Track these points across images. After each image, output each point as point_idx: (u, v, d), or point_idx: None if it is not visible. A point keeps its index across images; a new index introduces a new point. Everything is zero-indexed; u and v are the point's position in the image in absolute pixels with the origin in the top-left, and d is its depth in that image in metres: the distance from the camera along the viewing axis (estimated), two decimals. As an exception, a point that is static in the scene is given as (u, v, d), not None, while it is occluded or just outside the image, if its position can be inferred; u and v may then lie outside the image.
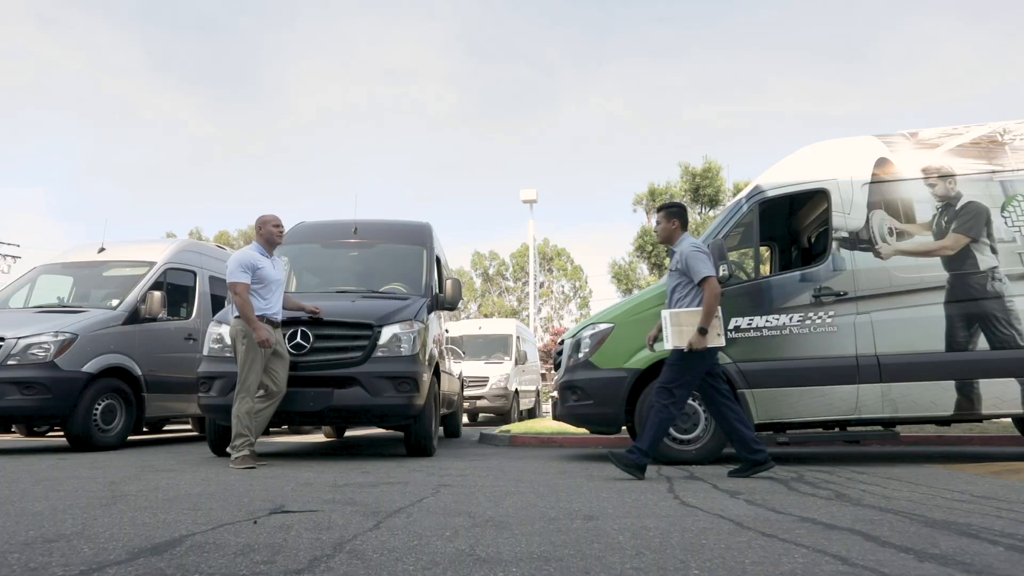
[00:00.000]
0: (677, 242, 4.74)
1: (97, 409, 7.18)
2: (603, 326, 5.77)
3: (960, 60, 58.59)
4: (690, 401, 5.46)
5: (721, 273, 5.42)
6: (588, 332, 5.85)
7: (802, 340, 5.41)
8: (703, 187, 10.98)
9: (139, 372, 7.73)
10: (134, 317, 7.80)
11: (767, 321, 5.47)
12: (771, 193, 5.80)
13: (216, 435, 6.28)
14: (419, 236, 7.76)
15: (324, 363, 5.71)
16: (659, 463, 5.39)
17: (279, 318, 5.56)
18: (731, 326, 5.50)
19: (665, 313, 4.70)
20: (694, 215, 10.65)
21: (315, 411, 5.62)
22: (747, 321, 5.50)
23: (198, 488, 3.78)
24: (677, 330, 4.60)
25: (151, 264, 8.44)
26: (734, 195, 11.33)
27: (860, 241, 5.53)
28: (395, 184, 67.45)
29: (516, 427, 9.64)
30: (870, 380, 5.28)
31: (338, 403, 5.63)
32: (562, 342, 6.59)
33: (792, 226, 7.12)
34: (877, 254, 5.49)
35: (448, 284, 7.02)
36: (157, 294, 7.90)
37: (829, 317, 5.41)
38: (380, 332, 5.89)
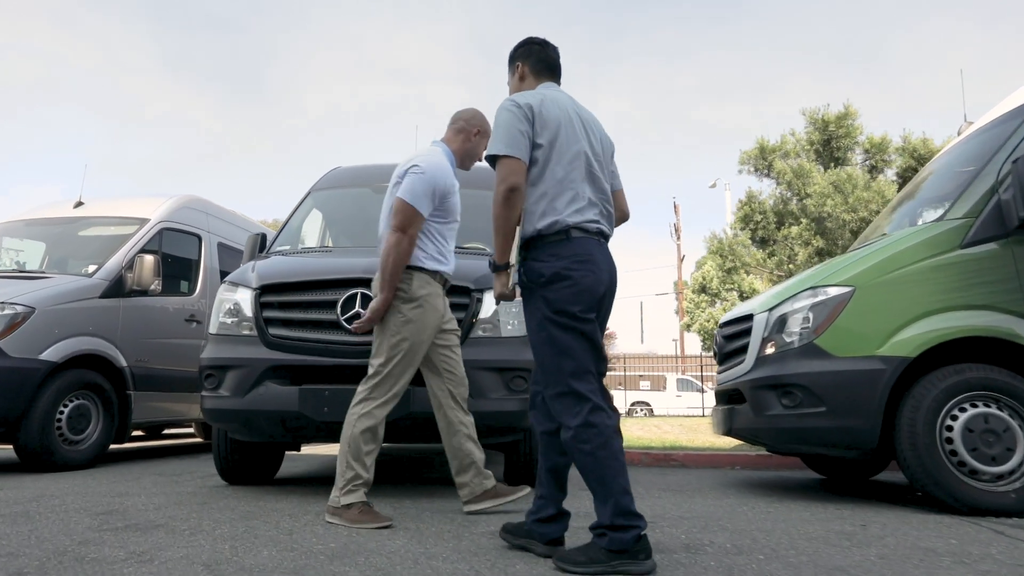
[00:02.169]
0: None
1: (62, 413, 5.14)
2: (835, 291, 3.69)
3: (972, 63, 56.61)
4: (999, 412, 3.38)
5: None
6: (805, 301, 3.77)
7: None
8: (837, 138, 8.85)
9: (123, 362, 5.70)
10: (117, 288, 5.77)
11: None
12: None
13: (227, 454, 4.23)
14: (502, 181, 5.69)
15: (399, 346, 3.64)
16: (964, 513, 3.29)
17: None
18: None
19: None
20: (820, 169, 8.43)
21: (387, 423, 3.55)
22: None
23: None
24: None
25: (142, 222, 6.39)
26: (866, 151, 9.27)
27: None
28: (406, 180, 65.77)
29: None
30: None
31: (419, 409, 3.56)
32: (729, 323, 4.53)
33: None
34: None
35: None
36: (149, 259, 5.86)
37: None
38: (480, 301, 3.83)
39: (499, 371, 3.73)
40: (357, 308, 3.60)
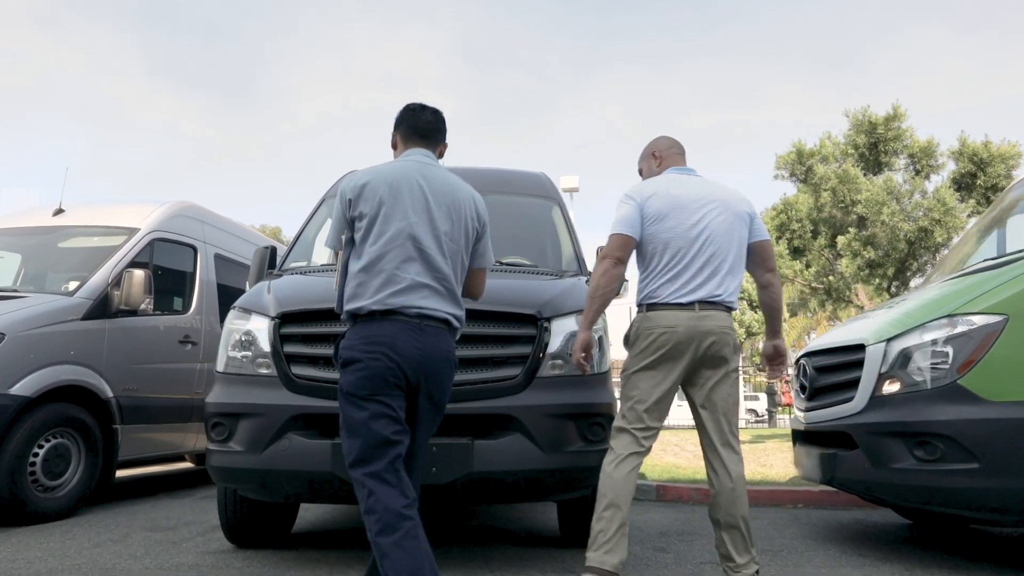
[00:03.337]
0: None
1: (36, 455, 4.41)
2: (981, 320, 3.05)
3: (953, 70, 57.01)
4: None
5: None
6: (939, 332, 3.13)
7: None
8: (885, 141, 8.23)
9: (109, 393, 4.97)
10: (103, 308, 5.04)
11: None
12: None
13: (235, 513, 3.53)
14: (542, 187, 5.07)
15: (455, 389, 2.95)
16: None
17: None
18: None
19: None
20: (864, 175, 7.83)
21: (442, 484, 2.87)
22: None
23: None
24: None
25: (131, 232, 5.67)
26: (911, 156, 8.61)
27: None
28: (395, 187, 66.10)
29: (654, 470, 6.90)
30: None
31: (484, 468, 2.89)
32: (824, 352, 3.89)
33: None
34: None
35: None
36: (139, 274, 5.14)
37: None
38: (548, 331, 3.16)
39: (574, 418, 3.06)
40: (403, 343, 2.92)
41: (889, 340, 3.34)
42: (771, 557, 3.53)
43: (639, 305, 2.82)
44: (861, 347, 3.48)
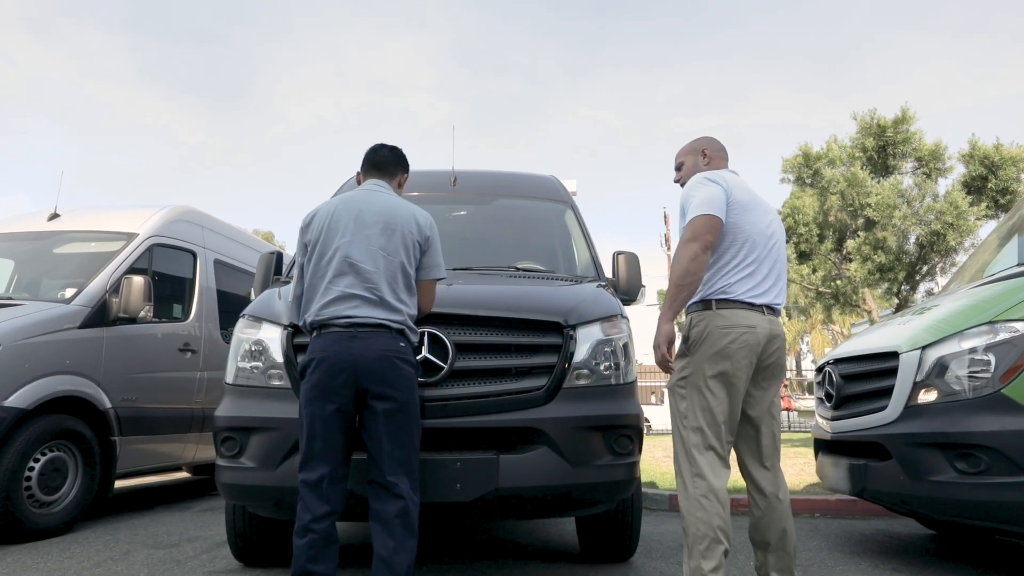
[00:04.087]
0: None
1: (32, 469, 4.25)
2: (1022, 326, 2.94)
3: (944, 73, 57.56)
4: None
5: None
6: (979, 339, 3.02)
7: None
8: (893, 144, 8.15)
9: (107, 403, 4.81)
10: (100, 316, 4.88)
11: None
12: None
13: (245, 531, 3.37)
14: (553, 190, 4.95)
15: (479, 401, 2.83)
16: None
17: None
18: None
19: None
20: (869, 176, 7.74)
21: (467, 502, 2.74)
22: None
23: None
24: None
25: (130, 236, 5.51)
26: (918, 159, 8.53)
27: None
28: (388, 191, 66.11)
29: (665, 479, 6.76)
30: None
31: (510, 484, 2.75)
32: (853, 359, 3.78)
33: None
34: None
35: (621, 260, 4.17)
36: (138, 280, 4.97)
37: None
38: (574, 337, 3.02)
39: (602, 430, 2.93)
40: (425, 354, 2.79)
41: (924, 348, 3.22)
42: (801, 573, 3.40)
43: (704, 301, 2.60)
44: (894, 355, 3.36)
